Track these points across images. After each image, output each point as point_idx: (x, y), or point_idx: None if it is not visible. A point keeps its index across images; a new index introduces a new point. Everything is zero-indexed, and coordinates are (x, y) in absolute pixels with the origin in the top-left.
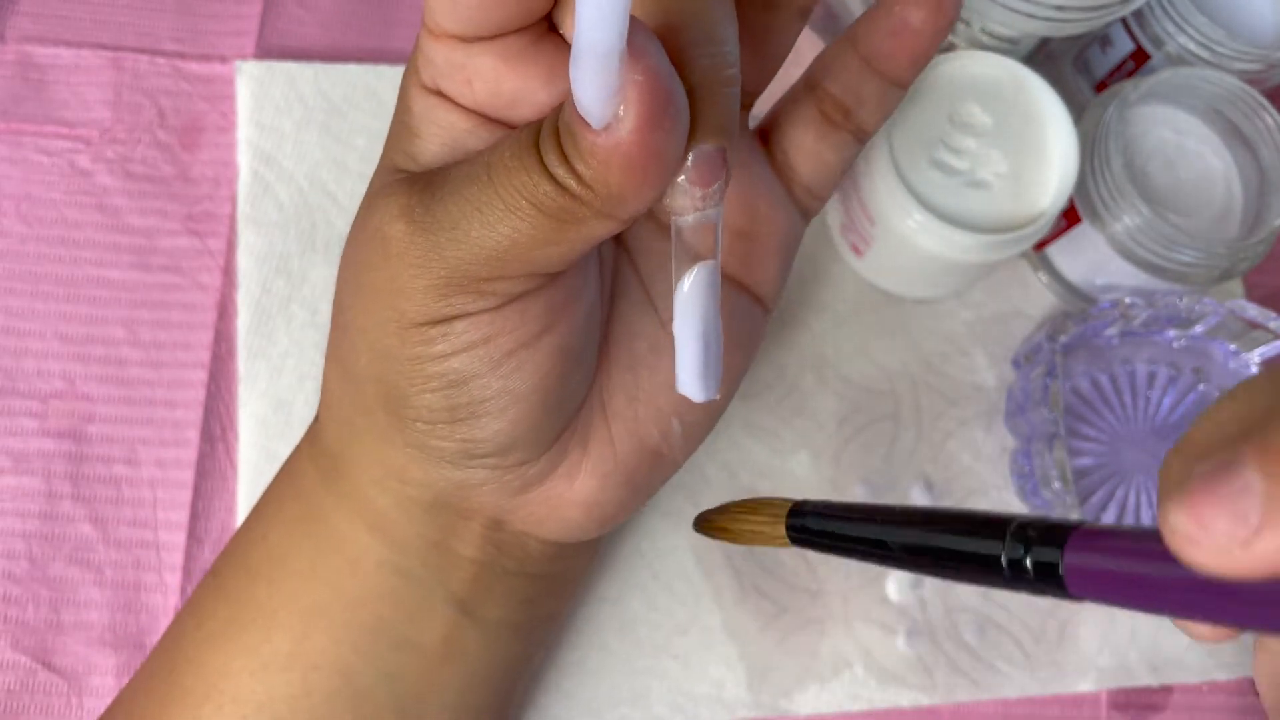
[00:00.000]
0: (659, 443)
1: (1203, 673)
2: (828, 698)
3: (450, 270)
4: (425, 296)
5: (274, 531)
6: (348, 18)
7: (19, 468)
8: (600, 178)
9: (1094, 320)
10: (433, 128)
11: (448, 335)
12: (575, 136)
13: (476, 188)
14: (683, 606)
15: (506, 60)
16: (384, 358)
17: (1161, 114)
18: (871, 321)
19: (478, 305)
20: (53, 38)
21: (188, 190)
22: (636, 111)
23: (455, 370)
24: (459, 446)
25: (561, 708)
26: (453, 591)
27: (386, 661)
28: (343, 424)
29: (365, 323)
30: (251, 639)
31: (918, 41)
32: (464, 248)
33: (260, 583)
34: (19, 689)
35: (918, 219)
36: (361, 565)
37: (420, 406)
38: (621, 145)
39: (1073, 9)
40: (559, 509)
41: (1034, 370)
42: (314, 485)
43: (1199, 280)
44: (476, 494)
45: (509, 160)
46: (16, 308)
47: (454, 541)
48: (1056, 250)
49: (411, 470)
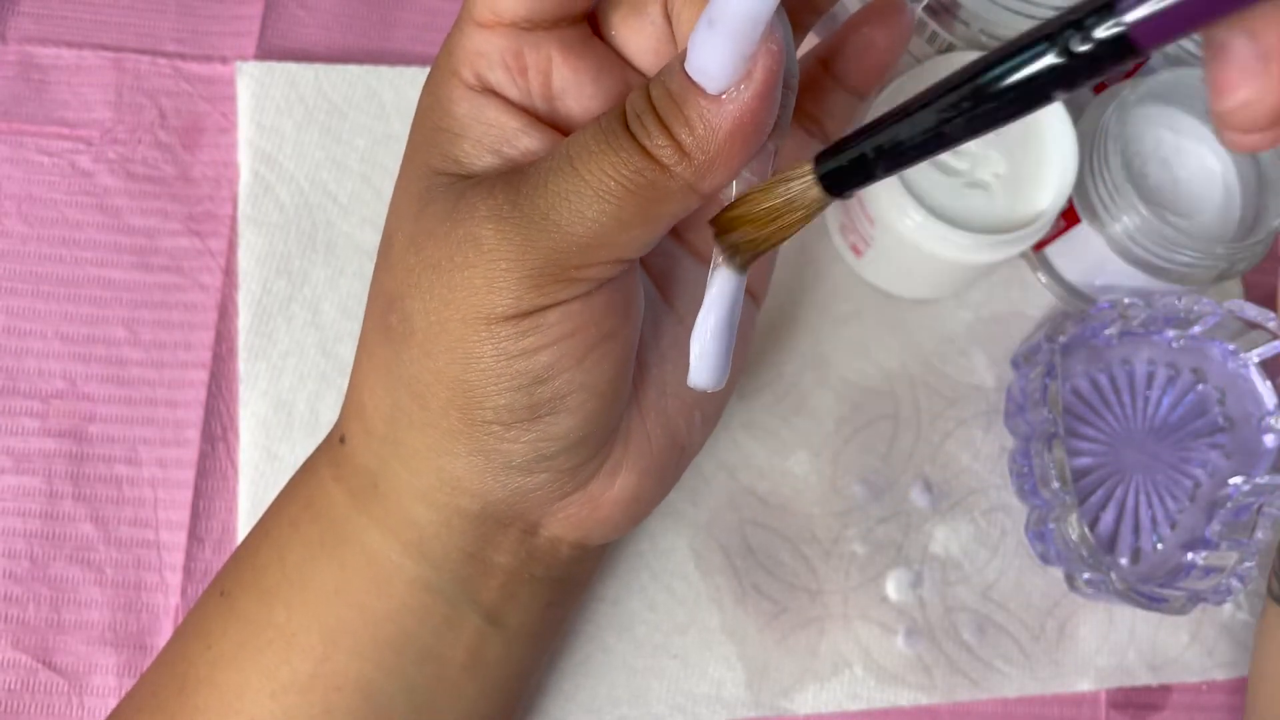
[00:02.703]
0: (685, 435)
1: (1202, 672)
2: (827, 697)
3: (544, 260)
4: (520, 288)
5: (292, 554)
6: (348, 18)
7: (20, 467)
8: (705, 143)
9: (1093, 320)
10: (480, 128)
11: (539, 327)
12: (687, 102)
13: (562, 178)
14: (682, 606)
15: (563, 50)
16: (466, 358)
17: (1160, 114)
18: (871, 321)
19: (569, 293)
20: (54, 38)
21: (188, 190)
22: (763, 79)
23: (543, 365)
24: (529, 448)
25: (561, 708)
26: (481, 602)
27: (409, 676)
28: (386, 441)
29: (446, 325)
30: (269, 661)
31: (880, 57)
32: (556, 236)
33: (278, 606)
34: (20, 688)
35: (917, 219)
36: (392, 584)
37: (500, 406)
38: (741, 109)
39: None
40: (599, 509)
41: (1033, 370)
42: (342, 507)
43: (1197, 280)
44: (529, 500)
45: (593, 145)
46: (18, 308)
47: (489, 551)
48: (1055, 251)
49: (468, 480)
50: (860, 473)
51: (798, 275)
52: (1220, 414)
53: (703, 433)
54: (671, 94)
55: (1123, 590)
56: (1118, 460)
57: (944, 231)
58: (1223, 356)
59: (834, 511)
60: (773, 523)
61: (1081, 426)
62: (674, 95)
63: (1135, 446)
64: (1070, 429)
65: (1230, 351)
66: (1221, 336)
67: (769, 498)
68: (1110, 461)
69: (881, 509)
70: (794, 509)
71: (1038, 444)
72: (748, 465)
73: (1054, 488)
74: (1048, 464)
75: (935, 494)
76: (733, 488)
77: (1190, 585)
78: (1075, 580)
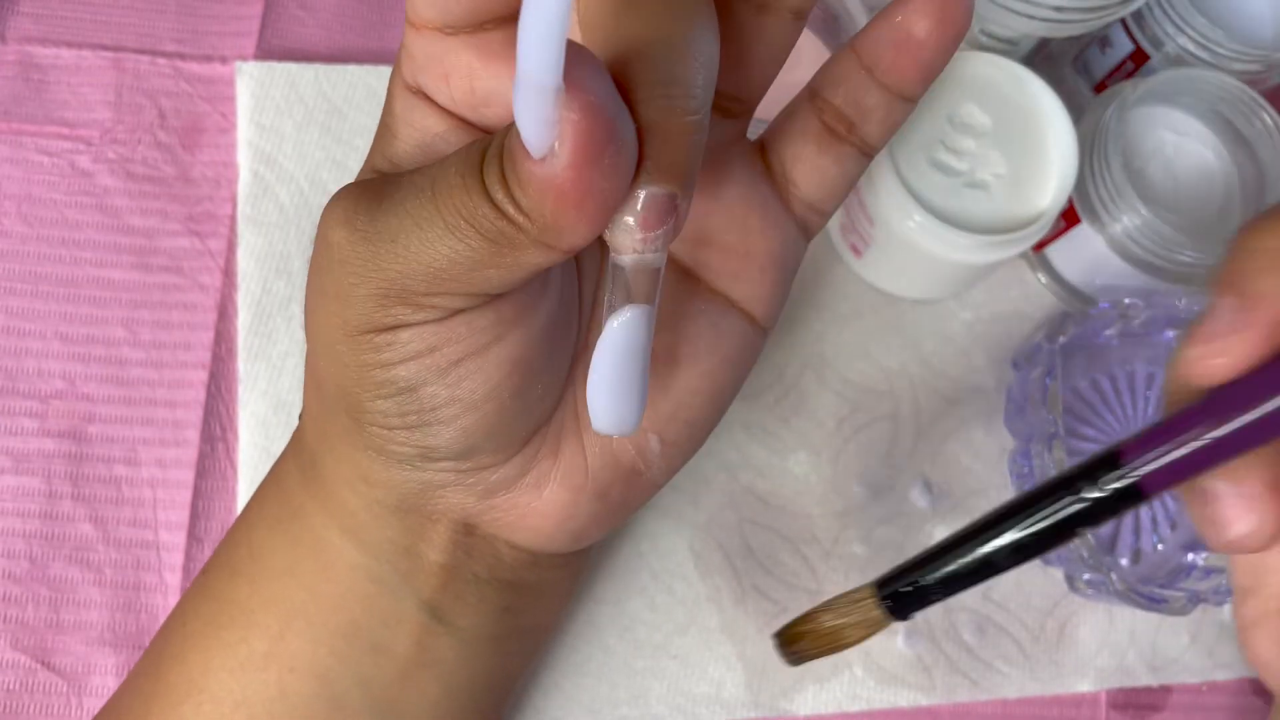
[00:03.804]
0: (634, 459)
1: (1201, 673)
2: (826, 698)
3: (389, 282)
4: (365, 305)
5: (257, 531)
6: (348, 18)
7: (19, 467)
8: (536, 208)
9: (1093, 321)
10: (409, 129)
11: (393, 344)
12: (515, 163)
13: (419, 202)
14: (682, 607)
15: (483, 56)
16: (338, 362)
17: (1160, 115)
18: (871, 322)
19: (419, 317)
20: (54, 38)
21: (188, 191)
22: (571, 147)
23: (403, 378)
24: (416, 450)
25: (561, 708)
26: (423, 597)
27: (361, 666)
28: (316, 426)
29: (320, 326)
30: (231, 637)
31: (923, 53)
32: (402, 262)
33: (241, 582)
34: (18, 689)
35: (917, 220)
36: (336, 568)
37: (375, 411)
38: (556, 179)
39: (1072, 10)
40: (527, 517)
41: (1033, 371)
42: (296, 486)
43: (1198, 281)
44: (440, 496)
45: (453, 178)
46: (17, 308)
47: (422, 546)
48: (1056, 251)
49: (376, 473)
50: (860, 473)
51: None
52: None
53: (666, 458)
54: (506, 149)
55: (1123, 591)
56: None
57: (944, 231)
58: None
59: (834, 512)
60: (773, 523)
61: (1082, 427)
62: (508, 151)
63: None
64: (1071, 429)
65: None
66: None
67: (769, 498)
68: None
69: (881, 509)
70: (794, 509)
71: (1038, 445)
72: (748, 465)
73: None
74: (1048, 465)
75: (935, 494)
76: (733, 488)
77: (1190, 586)
78: (1075, 581)
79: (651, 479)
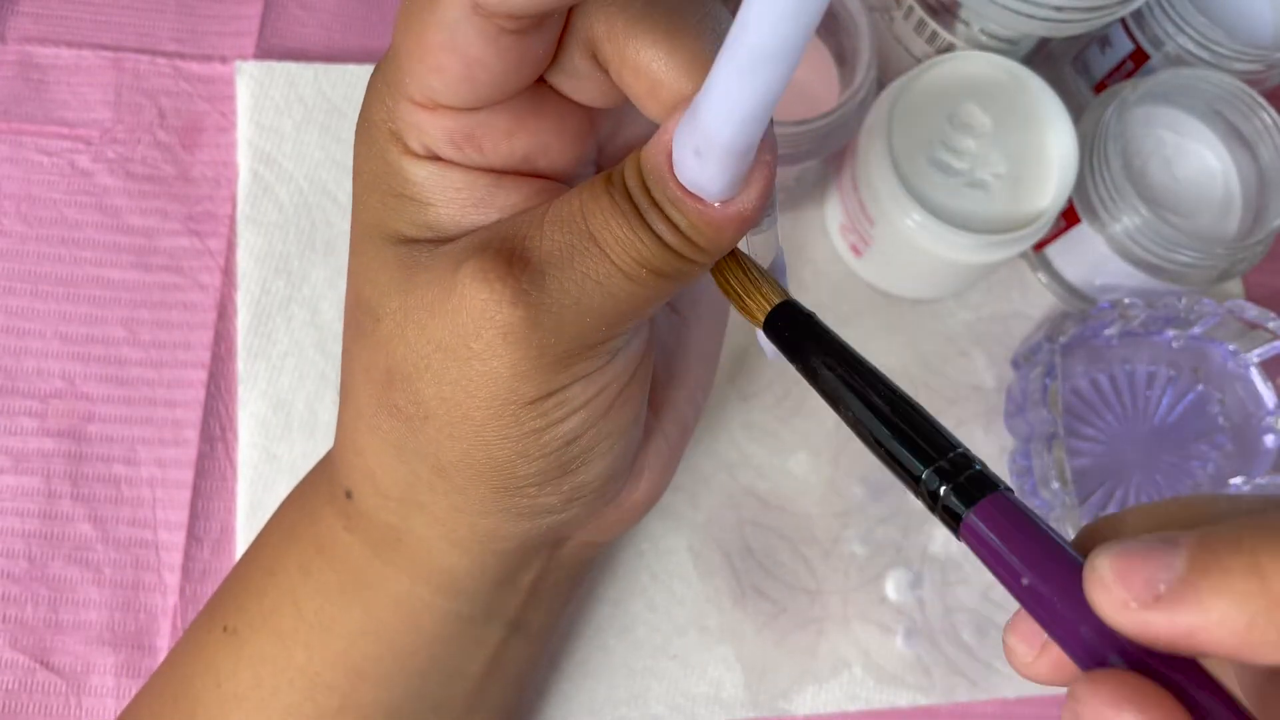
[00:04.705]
0: (692, 418)
1: None
2: (826, 698)
3: (570, 342)
4: (549, 372)
5: (309, 601)
6: (348, 18)
7: (18, 467)
8: (714, 240)
9: (1093, 321)
10: (449, 193)
11: (565, 402)
12: (685, 210)
13: (591, 261)
14: (681, 607)
15: (518, 120)
16: (493, 442)
17: (1160, 114)
18: (871, 322)
19: (594, 366)
20: (53, 38)
21: (188, 190)
22: (760, 189)
23: (570, 430)
24: (563, 498)
25: (561, 708)
26: (509, 618)
27: (435, 696)
28: (405, 503)
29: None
30: (291, 699)
31: None
32: (588, 320)
33: (297, 649)
34: (17, 688)
35: (917, 219)
36: (421, 620)
37: (531, 474)
38: (743, 213)
39: (1072, 10)
40: (628, 510)
41: (1033, 370)
42: (360, 557)
43: (1198, 280)
44: (566, 528)
45: (619, 232)
46: (16, 307)
47: (520, 574)
48: (1055, 251)
49: (504, 529)
50: (860, 473)
51: (797, 275)
52: (1220, 414)
53: (702, 407)
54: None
55: None
56: (1118, 460)
57: (944, 231)
58: (1223, 357)
59: (833, 512)
60: (772, 523)
61: (1082, 427)
62: (674, 201)
63: (1135, 447)
64: (1070, 429)
65: (1230, 352)
66: (1222, 337)
67: (769, 498)
68: (1110, 462)
69: (881, 509)
70: (793, 509)
71: (1038, 444)
72: (747, 465)
73: (1054, 488)
74: (1048, 464)
75: None
76: (732, 488)
77: None
78: None
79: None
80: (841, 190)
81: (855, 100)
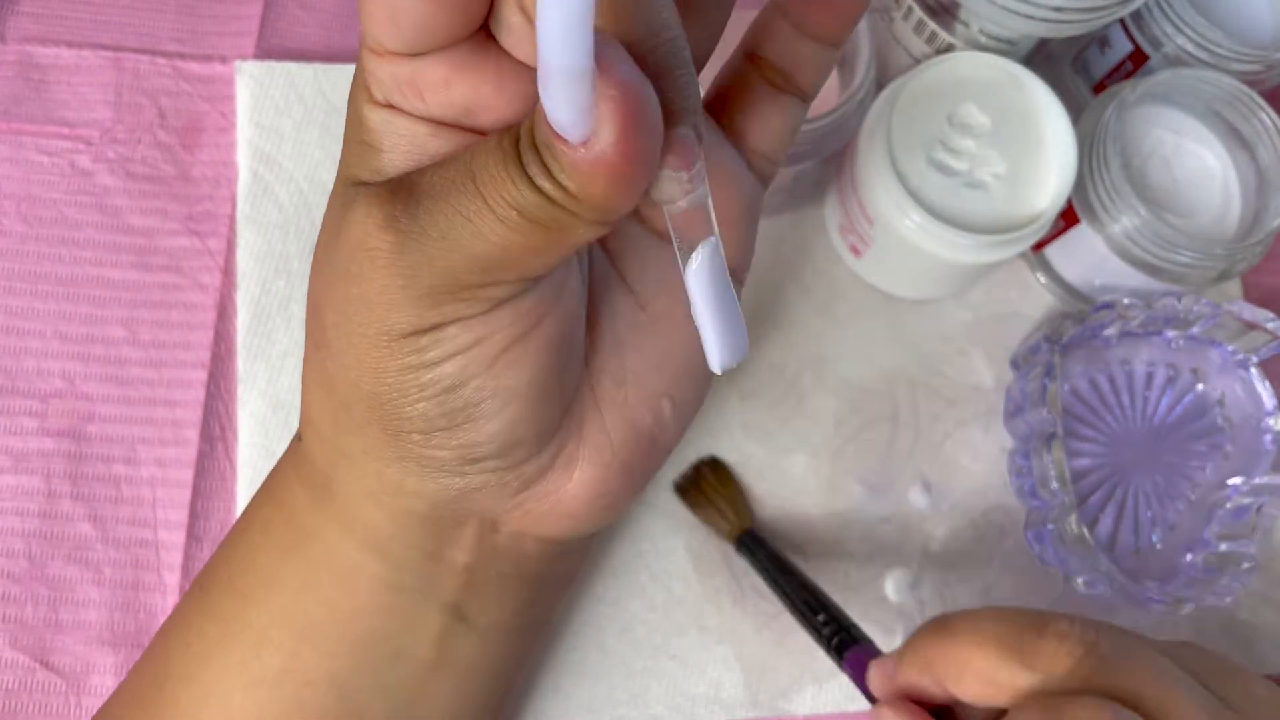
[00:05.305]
0: (652, 426)
1: None
2: (825, 698)
3: (441, 278)
4: (417, 305)
5: (263, 554)
6: (348, 18)
7: (19, 467)
8: (586, 190)
9: (1092, 321)
10: (394, 139)
11: (440, 341)
12: (555, 153)
13: (465, 197)
14: (681, 607)
15: (456, 70)
16: (374, 372)
17: (1160, 115)
18: (870, 322)
19: (470, 310)
20: (53, 38)
21: (188, 190)
22: (614, 125)
23: (449, 375)
24: (456, 453)
25: (560, 708)
26: (446, 600)
27: (381, 674)
28: (329, 444)
29: (351, 339)
30: (241, 655)
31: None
32: (456, 256)
33: (252, 607)
34: (17, 688)
35: (916, 219)
36: (354, 582)
37: (415, 417)
38: (604, 158)
39: (1071, 10)
40: (559, 504)
41: (1032, 371)
42: (304, 506)
43: (1197, 281)
44: (475, 499)
45: (495, 170)
46: (17, 307)
47: (448, 550)
48: (1055, 251)
49: (408, 483)
50: (859, 473)
51: (797, 275)
52: (1220, 414)
53: (677, 422)
54: (543, 143)
55: (1121, 590)
56: (1117, 461)
57: (943, 231)
58: (1222, 357)
59: (833, 512)
60: (772, 523)
61: (1081, 427)
62: (544, 143)
63: (1135, 447)
64: (1070, 430)
65: (1230, 352)
66: (1221, 337)
67: (768, 498)
68: (1110, 462)
69: (881, 509)
70: (794, 509)
71: (1037, 445)
72: (747, 465)
73: (1053, 488)
74: (1047, 465)
75: (934, 495)
76: None
77: (1190, 586)
78: (1074, 581)
79: (665, 443)
80: (841, 190)
81: (854, 101)
